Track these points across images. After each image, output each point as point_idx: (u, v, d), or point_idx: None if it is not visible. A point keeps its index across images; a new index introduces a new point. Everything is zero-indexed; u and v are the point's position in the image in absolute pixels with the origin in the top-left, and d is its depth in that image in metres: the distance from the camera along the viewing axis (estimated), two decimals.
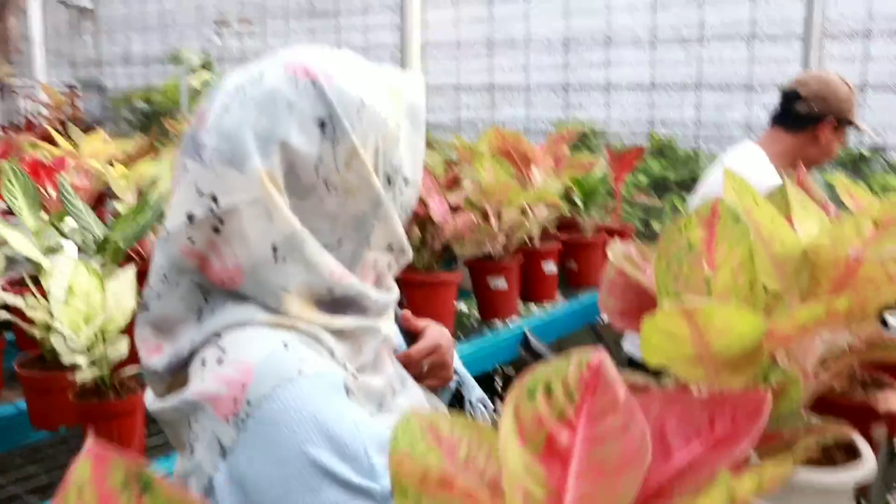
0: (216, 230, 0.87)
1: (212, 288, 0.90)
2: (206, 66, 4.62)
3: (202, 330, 0.88)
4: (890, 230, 1.20)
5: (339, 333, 0.91)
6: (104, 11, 6.84)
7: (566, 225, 3.30)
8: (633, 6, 3.56)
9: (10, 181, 2.37)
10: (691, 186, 4.15)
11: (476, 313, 2.88)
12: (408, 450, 0.82)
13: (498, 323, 2.78)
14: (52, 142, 4.35)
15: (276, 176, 0.87)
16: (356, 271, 0.94)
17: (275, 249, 0.87)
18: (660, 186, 3.86)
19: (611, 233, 3.25)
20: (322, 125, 0.88)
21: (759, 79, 3.33)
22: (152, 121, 6.78)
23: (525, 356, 2.70)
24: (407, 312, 1.21)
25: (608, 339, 3.74)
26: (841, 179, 1.78)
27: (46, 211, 2.49)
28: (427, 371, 1.17)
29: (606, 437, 0.73)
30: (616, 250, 1.22)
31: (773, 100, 3.52)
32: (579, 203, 3.19)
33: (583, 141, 3.74)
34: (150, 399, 0.95)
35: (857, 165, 3.52)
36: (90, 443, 0.50)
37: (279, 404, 0.80)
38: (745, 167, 2.59)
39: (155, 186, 2.14)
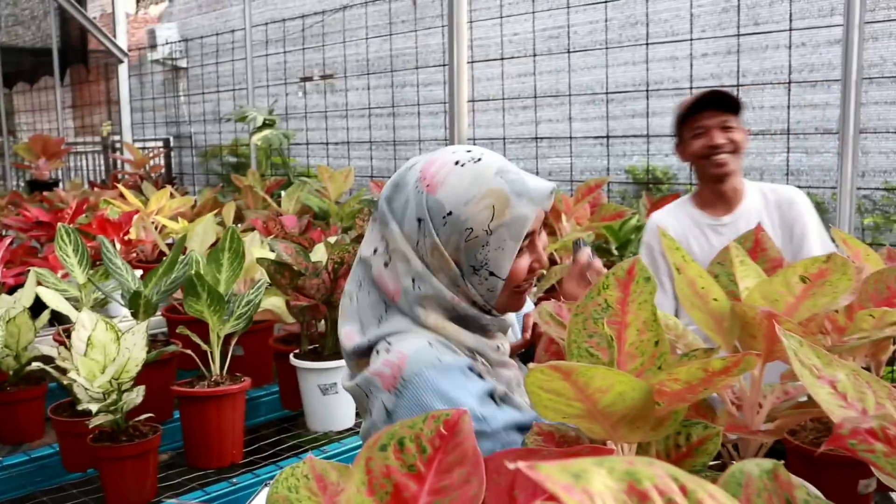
0: (386, 264, 1.24)
1: (389, 302, 1.25)
2: (268, 123, 4.84)
3: (379, 331, 1.24)
4: (818, 286, 1.21)
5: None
6: (196, 71, 7.25)
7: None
8: (673, 56, 3.59)
9: (63, 240, 2.57)
10: None
11: None
12: (285, 494, 0.90)
13: None
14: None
15: (407, 238, 1.23)
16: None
17: (413, 280, 1.21)
18: None
19: None
20: (419, 221, 1.21)
21: (799, 124, 3.30)
22: (240, 174, 7.12)
23: None
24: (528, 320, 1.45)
25: None
26: (838, 232, 1.77)
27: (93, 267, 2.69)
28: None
29: (449, 489, 0.79)
30: (542, 309, 1.27)
31: (814, 144, 3.48)
32: (614, 251, 3.21)
33: (648, 186, 3.76)
34: (345, 378, 1.31)
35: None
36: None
37: (422, 381, 1.16)
38: None
39: (184, 244, 2.28)
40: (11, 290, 2.57)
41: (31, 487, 2.04)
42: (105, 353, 1.78)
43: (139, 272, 2.58)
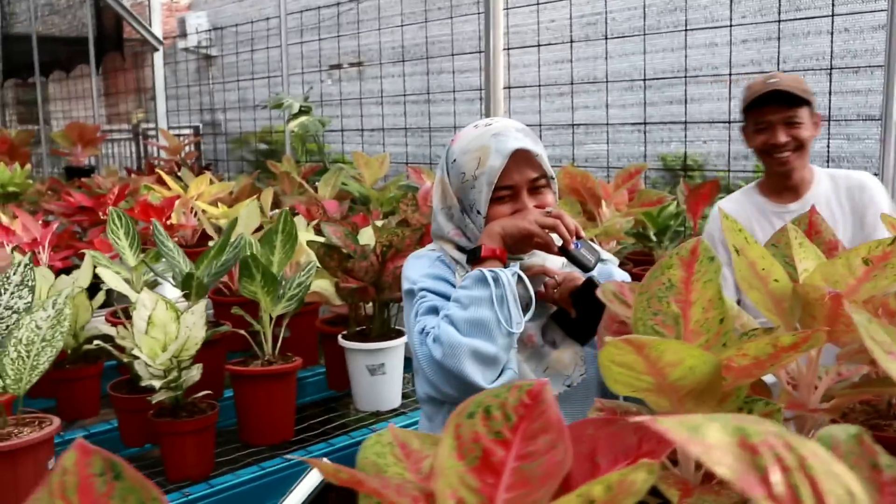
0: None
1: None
2: (304, 110, 4.89)
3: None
4: (879, 269, 1.23)
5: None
6: (228, 59, 7.31)
7: (644, 260, 3.33)
8: (712, 43, 3.58)
9: (114, 223, 2.63)
10: None
11: None
12: (373, 459, 0.94)
13: None
14: (166, 184, 4.73)
15: (438, 181, 1.58)
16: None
17: (434, 215, 1.58)
18: None
19: None
20: (442, 167, 1.56)
21: (840, 110, 3.28)
22: (270, 160, 7.18)
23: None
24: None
25: None
26: (886, 217, 1.77)
27: (146, 250, 2.75)
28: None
29: (536, 454, 0.82)
30: (606, 288, 1.30)
31: (856, 131, 3.46)
32: (652, 237, 3.22)
33: (683, 173, 3.77)
34: None
35: None
36: (78, 440, 0.64)
37: (408, 261, 1.57)
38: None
39: (235, 228, 2.33)
40: (58, 273, 2.64)
41: None
42: (165, 332, 1.84)
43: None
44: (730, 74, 3.51)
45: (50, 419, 1.73)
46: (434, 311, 1.47)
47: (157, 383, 1.78)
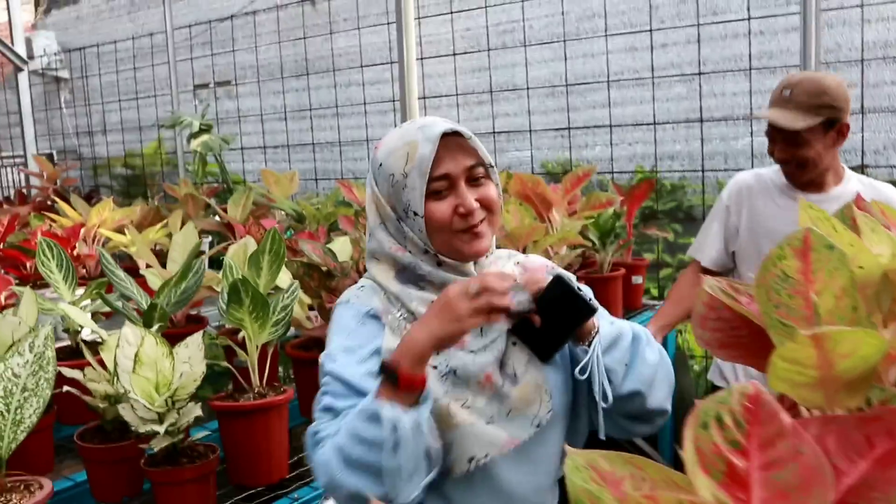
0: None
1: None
2: (204, 128, 4.64)
3: None
4: None
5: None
6: (79, 83, 6.85)
7: (584, 264, 3.34)
8: (633, 47, 3.66)
9: (44, 254, 2.37)
10: (678, 216, 4.22)
11: None
12: (583, 486, 0.84)
13: None
14: (51, 212, 4.35)
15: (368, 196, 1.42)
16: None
17: (369, 236, 1.41)
18: (647, 218, 3.92)
19: (627, 268, 3.30)
20: (372, 178, 1.39)
21: (761, 108, 3.42)
22: (134, 186, 6.77)
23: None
24: None
25: None
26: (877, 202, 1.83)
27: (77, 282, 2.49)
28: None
29: (781, 462, 0.75)
30: (711, 285, 1.25)
31: None
32: (595, 241, 3.24)
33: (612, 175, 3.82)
34: None
35: None
36: None
37: (334, 313, 1.39)
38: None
39: (195, 251, 2.14)
40: None
41: None
42: (157, 370, 1.65)
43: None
44: (652, 78, 3.59)
45: (39, 482, 1.50)
46: (330, 410, 1.25)
47: (158, 428, 1.59)
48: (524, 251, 2.78)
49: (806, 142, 2.30)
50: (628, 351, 1.36)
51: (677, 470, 0.80)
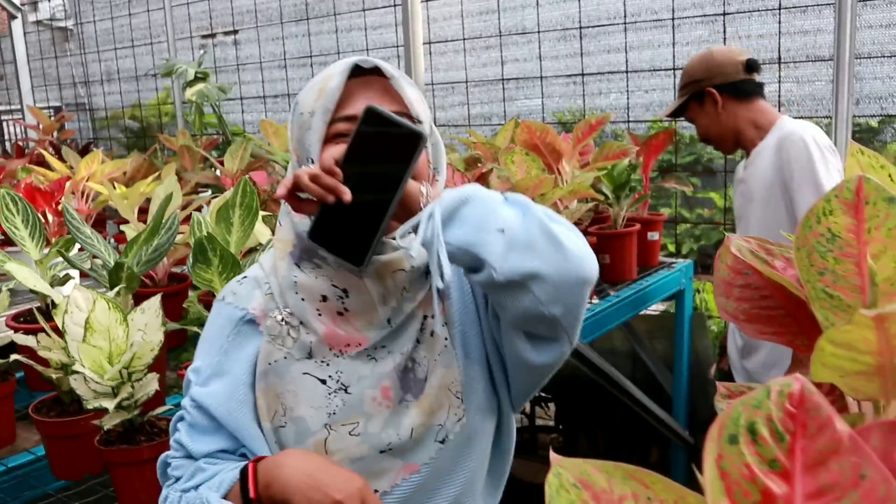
0: None
1: None
2: (200, 77, 4.42)
3: None
4: None
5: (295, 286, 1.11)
6: (86, 30, 6.64)
7: (596, 219, 3.13)
8: None
9: (8, 209, 2.19)
10: (697, 170, 3.99)
11: None
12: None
13: None
14: (46, 166, 4.18)
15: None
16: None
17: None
18: (665, 171, 3.70)
19: (643, 223, 3.09)
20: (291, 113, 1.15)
21: (789, 52, 3.16)
22: (141, 138, 6.59)
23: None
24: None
25: (642, 336, 3.58)
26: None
27: (48, 239, 2.32)
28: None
29: (836, 488, 0.56)
30: (739, 244, 1.05)
31: (805, 73, 3.36)
32: (609, 194, 3.02)
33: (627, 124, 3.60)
34: None
35: (868, 137, 3.37)
36: None
37: (213, 309, 1.20)
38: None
39: (167, 205, 1.95)
40: None
41: (18, 502, 1.71)
42: (110, 338, 1.47)
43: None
44: (672, 19, 3.34)
45: None
46: (184, 448, 1.12)
47: (108, 403, 1.42)
48: None
49: (693, 121, 2.68)
50: (493, 211, 0.96)
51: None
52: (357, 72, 1.09)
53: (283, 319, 1.11)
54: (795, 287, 0.91)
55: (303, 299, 1.10)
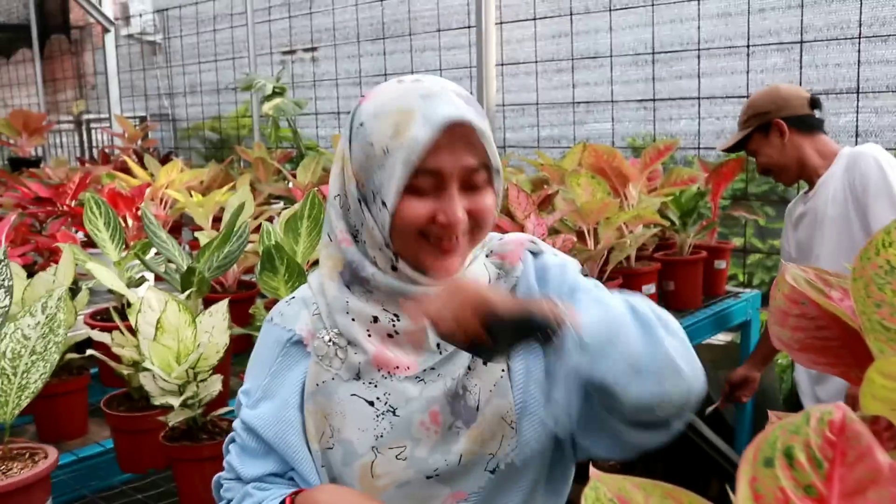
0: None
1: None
2: (277, 92, 4.56)
3: None
4: None
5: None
6: (173, 44, 6.92)
7: (661, 245, 3.11)
8: (726, 13, 3.38)
9: (92, 212, 2.31)
10: (772, 199, 3.92)
11: None
12: None
13: None
14: (129, 173, 4.35)
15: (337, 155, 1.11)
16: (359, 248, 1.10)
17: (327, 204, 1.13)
18: (738, 199, 3.64)
19: (710, 251, 3.06)
20: (346, 135, 1.08)
21: (868, 82, 3.10)
22: (220, 150, 6.81)
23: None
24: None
25: (706, 366, 3.52)
26: None
27: (126, 242, 2.43)
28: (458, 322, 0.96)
29: None
30: (795, 274, 1.04)
31: (885, 103, 3.29)
32: (675, 220, 3.00)
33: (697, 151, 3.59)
34: None
35: None
36: None
37: (262, 329, 1.20)
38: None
39: (239, 214, 2.03)
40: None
41: (85, 490, 1.78)
42: (178, 339, 1.53)
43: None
44: (747, 46, 3.30)
45: (44, 450, 1.41)
46: (234, 471, 1.14)
47: (174, 400, 1.48)
48: (595, 229, 2.58)
49: (755, 152, 2.71)
50: (627, 343, 0.93)
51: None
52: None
53: (330, 340, 1.09)
54: (851, 318, 0.91)
55: (353, 319, 1.08)
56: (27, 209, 3.89)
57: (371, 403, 1.07)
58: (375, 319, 1.07)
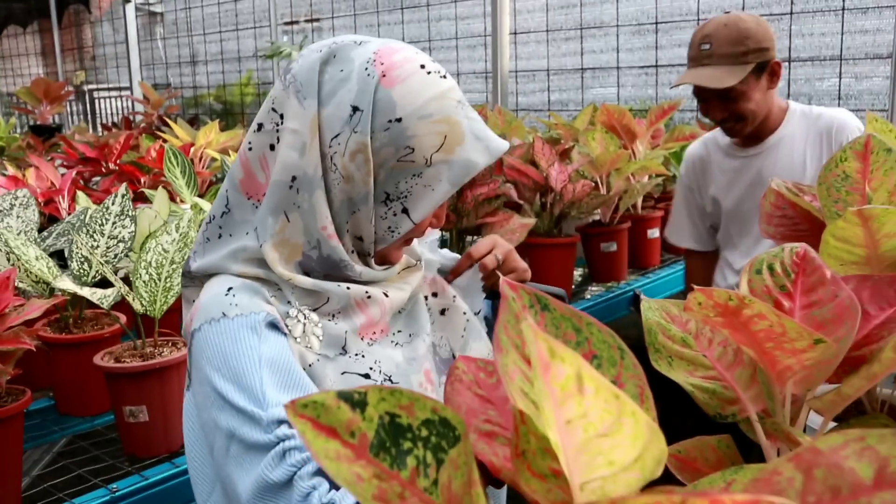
0: (272, 146, 0.97)
1: (239, 206, 1.00)
2: None
3: (205, 257, 1.03)
4: None
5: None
6: (170, 16, 7.16)
7: (664, 196, 3.46)
8: None
9: (171, 161, 2.63)
10: None
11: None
12: (656, 320, 1.02)
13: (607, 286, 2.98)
14: (155, 136, 4.67)
15: (320, 125, 0.95)
16: (342, 241, 0.99)
17: (293, 180, 0.95)
18: None
19: None
20: (354, 110, 0.93)
21: (849, 49, 3.44)
22: (223, 117, 7.08)
23: (634, 313, 2.87)
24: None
25: None
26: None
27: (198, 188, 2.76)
28: (504, 272, 1.13)
29: (820, 303, 0.92)
30: (778, 183, 1.40)
31: (864, 69, 3.63)
32: (677, 173, 3.34)
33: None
34: None
35: None
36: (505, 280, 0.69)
37: (202, 338, 0.94)
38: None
39: None
40: None
41: None
42: None
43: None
44: None
45: (184, 340, 1.76)
46: (318, 472, 0.85)
47: None
48: (608, 177, 2.92)
49: (741, 94, 2.08)
50: None
51: None
52: None
53: (304, 316, 0.98)
54: (818, 212, 1.27)
55: (327, 298, 0.99)
56: (75, 168, 4.21)
57: (367, 376, 1.00)
58: (348, 289, 1.01)
